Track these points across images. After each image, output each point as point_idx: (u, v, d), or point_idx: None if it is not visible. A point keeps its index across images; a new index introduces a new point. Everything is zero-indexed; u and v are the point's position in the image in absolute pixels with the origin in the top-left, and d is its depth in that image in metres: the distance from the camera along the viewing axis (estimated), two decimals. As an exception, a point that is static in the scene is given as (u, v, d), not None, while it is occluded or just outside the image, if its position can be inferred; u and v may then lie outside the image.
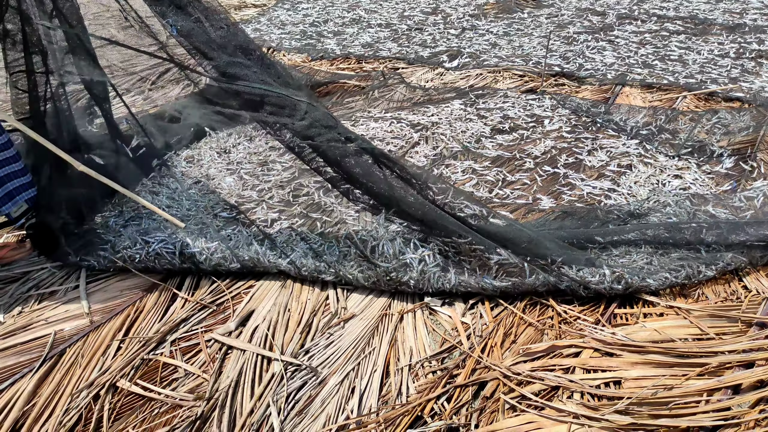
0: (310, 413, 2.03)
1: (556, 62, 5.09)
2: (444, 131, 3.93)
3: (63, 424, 2.01)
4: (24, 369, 2.21)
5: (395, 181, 2.46)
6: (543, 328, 2.30)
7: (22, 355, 2.27)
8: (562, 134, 3.85)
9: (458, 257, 2.50)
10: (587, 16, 6.42)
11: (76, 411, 2.05)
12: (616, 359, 2.10)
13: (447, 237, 2.49)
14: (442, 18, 6.72)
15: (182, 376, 2.20)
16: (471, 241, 2.46)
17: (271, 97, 2.26)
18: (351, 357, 2.24)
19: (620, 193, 3.14)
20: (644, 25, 6.05)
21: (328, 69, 5.27)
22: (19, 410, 2.05)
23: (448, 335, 2.32)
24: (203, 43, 2.18)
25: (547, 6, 6.94)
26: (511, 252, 2.44)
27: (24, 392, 2.11)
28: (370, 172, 2.43)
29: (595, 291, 2.39)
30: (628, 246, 2.59)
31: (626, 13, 6.44)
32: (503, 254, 2.43)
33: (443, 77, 5.00)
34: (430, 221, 2.49)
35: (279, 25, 6.73)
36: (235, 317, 2.44)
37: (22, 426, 2.01)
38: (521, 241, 2.47)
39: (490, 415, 1.97)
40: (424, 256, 2.53)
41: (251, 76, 2.23)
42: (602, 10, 6.63)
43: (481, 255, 2.46)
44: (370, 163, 2.43)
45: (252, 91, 2.23)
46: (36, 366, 2.21)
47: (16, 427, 2.01)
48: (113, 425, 2.02)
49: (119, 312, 2.49)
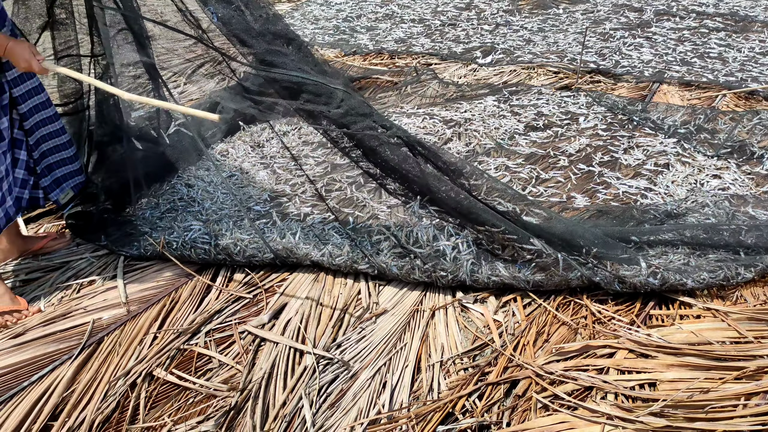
0: (342, 406, 2.04)
1: (592, 59, 5.02)
2: (477, 128, 3.91)
3: (101, 410, 2.05)
4: (63, 356, 2.26)
5: (429, 168, 2.45)
6: (576, 327, 2.28)
7: (62, 342, 2.32)
8: (597, 132, 3.80)
9: (491, 245, 2.48)
10: (624, 12, 6.32)
11: (114, 398, 2.09)
12: (651, 361, 2.07)
13: (480, 225, 2.47)
14: (476, 14, 6.68)
15: (216, 367, 2.23)
16: (505, 230, 2.43)
17: (308, 85, 2.27)
18: (382, 352, 2.25)
19: (657, 193, 3.09)
20: (683, 21, 5.94)
21: (361, 64, 5.28)
22: (58, 396, 2.10)
23: (479, 333, 2.32)
24: (243, 30, 2.20)
25: (582, 2, 6.85)
26: (546, 242, 2.42)
27: (63, 378, 2.16)
28: (404, 159, 2.42)
29: (630, 285, 2.35)
30: (664, 246, 2.55)
31: (664, 10, 6.32)
32: (537, 244, 2.41)
33: (476, 73, 4.97)
34: (464, 210, 2.47)
35: (312, 20, 6.75)
36: (268, 310, 2.47)
37: (61, 411, 2.06)
38: (556, 230, 2.44)
39: (522, 414, 1.96)
40: (457, 243, 2.53)
41: (289, 64, 2.25)
42: (639, 6, 6.52)
43: (514, 244, 2.44)
44: (404, 151, 2.43)
45: (289, 78, 2.25)
46: (75, 353, 2.26)
47: (56, 413, 2.06)
48: (149, 413, 2.06)
49: (155, 302, 2.53)
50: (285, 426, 1.98)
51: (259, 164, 3.60)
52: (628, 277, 2.35)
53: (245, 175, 3.47)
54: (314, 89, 2.28)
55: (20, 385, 2.14)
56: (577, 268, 2.36)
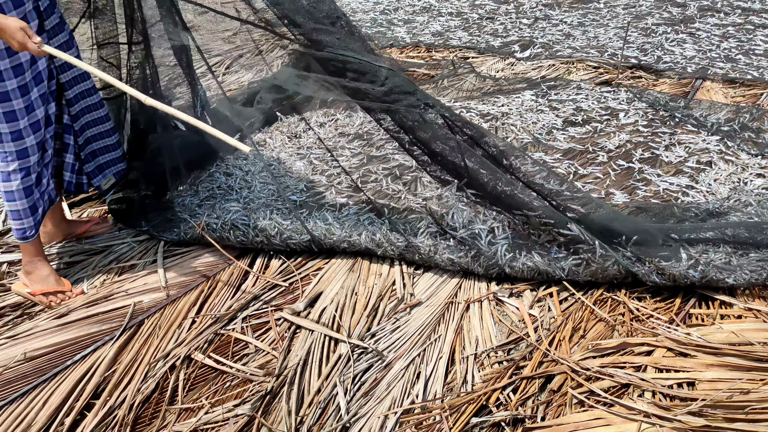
0: (376, 395, 2.06)
1: (633, 54, 4.94)
2: (514, 122, 3.89)
3: (141, 391, 2.10)
4: (105, 337, 2.32)
5: (469, 147, 2.45)
6: (614, 324, 2.26)
7: (104, 324, 2.38)
8: (637, 128, 3.74)
9: (527, 230, 2.47)
10: (667, 7, 6.20)
11: (153, 379, 2.14)
12: (690, 360, 2.04)
13: (517, 209, 2.47)
14: (515, 7, 6.62)
15: (252, 352, 2.27)
16: (541, 214, 2.42)
17: (353, 64, 2.30)
18: (417, 343, 2.26)
19: (699, 191, 3.04)
20: (727, 17, 5.80)
21: (398, 57, 5.27)
22: (100, 375, 2.15)
23: (514, 326, 2.31)
24: (291, 10, 2.23)
25: (624, -4, 6.74)
26: (584, 228, 2.40)
27: (105, 359, 2.22)
28: (446, 140, 2.43)
29: (670, 276, 2.31)
30: (705, 245, 2.50)
31: (708, 5, 6.18)
32: (575, 230, 2.39)
33: (514, 67, 4.93)
34: (502, 193, 2.48)
35: (349, 12, 6.76)
36: (304, 298, 2.49)
37: (103, 390, 2.11)
38: (595, 216, 2.42)
39: (557, 409, 1.95)
40: (493, 227, 2.52)
41: (335, 43, 2.28)
42: (683, 1, 6.39)
43: (552, 229, 2.42)
44: (445, 132, 2.44)
45: (336, 57, 2.27)
46: (116, 335, 2.31)
47: (98, 392, 2.12)
48: (187, 395, 2.10)
49: (194, 287, 2.58)
50: (319, 412, 2.00)
51: (295, 155, 3.63)
52: (667, 267, 2.31)
53: (282, 165, 3.50)
54: (359, 67, 2.31)
55: (64, 363, 2.20)
56: (614, 256, 2.33)
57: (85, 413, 2.04)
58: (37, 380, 2.13)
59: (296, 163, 3.51)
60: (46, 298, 2.47)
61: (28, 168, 2.32)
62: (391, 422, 1.94)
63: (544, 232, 2.44)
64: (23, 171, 2.31)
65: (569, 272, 2.42)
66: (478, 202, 2.56)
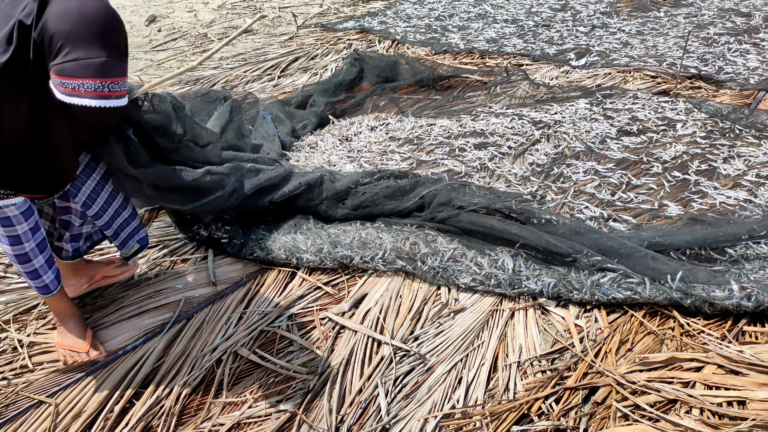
0: (417, 398, 2.06)
1: (693, 64, 4.81)
2: (567, 130, 3.84)
3: (188, 383, 2.16)
4: (156, 329, 2.39)
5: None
6: (663, 338, 2.21)
7: (155, 317, 2.45)
8: (695, 139, 3.64)
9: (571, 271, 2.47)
10: (730, 17, 6.02)
11: (200, 372, 2.20)
12: (741, 378, 1.98)
13: (566, 256, 2.51)
14: (572, 15, 6.53)
15: (296, 350, 2.30)
16: (588, 253, 2.44)
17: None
18: (459, 348, 2.26)
19: (757, 205, 2.94)
20: (796, 27, 5.60)
21: (451, 63, 5.28)
22: (150, 365, 2.22)
23: (559, 336, 2.28)
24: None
25: (686, 5, 6.57)
26: (629, 269, 2.40)
27: (155, 350, 2.29)
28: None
29: (721, 308, 2.26)
30: (763, 260, 2.42)
31: (776, 14, 5.97)
32: (622, 268, 2.38)
33: (568, 76, 4.86)
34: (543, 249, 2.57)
35: (405, 18, 6.80)
36: (349, 299, 2.52)
37: (152, 380, 2.18)
38: (639, 263, 2.43)
39: (601, 422, 1.91)
40: (541, 274, 2.50)
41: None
42: (747, 11, 6.19)
43: (600, 267, 2.43)
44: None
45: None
46: (167, 327, 2.39)
47: (146, 381, 2.19)
48: (232, 389, 2.15)
49: (242, 284, 2.63)
50: (360, 412, 2.02)
51: (346, 157, 3.67)
52: (718, 299, 2.26)
53: (332, 168, 3.54)
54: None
55: (115, 354, 2.28)
56: (665, 291, 2.30)
57: (133, 401, 2.11)
58: (91, 368, 2.22)
59: (346, 166, 3.55)
60: (62, 355, 2.29)
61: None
62: (430, 426, 1.94)
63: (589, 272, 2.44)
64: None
65: (618, 302, 2.40)
66: (530, 256, 2.59)
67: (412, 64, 4.97)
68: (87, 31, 1.59)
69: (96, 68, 1.59)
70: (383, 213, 2.90)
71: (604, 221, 2.88)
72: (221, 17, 7.34)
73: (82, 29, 1.58)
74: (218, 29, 6.78)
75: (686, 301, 2.28)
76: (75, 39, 1.57)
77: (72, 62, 1.57)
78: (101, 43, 1.60)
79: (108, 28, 1.63)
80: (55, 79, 1.59)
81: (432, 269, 2.57)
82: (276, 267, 2.72)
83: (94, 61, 1.59)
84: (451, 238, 2.71)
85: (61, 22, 1.57)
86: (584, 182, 3.26)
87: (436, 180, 3.02)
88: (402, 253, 2.64)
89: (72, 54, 1.57)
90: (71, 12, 1.58)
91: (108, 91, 1.62)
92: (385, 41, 5.94)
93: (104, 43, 1.60)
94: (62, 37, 1.57)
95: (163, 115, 2.44)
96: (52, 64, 1.58)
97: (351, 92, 4.78)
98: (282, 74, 5.23)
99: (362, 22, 6.65)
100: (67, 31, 1.56)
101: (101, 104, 1.61)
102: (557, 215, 2.72)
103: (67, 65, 1.57)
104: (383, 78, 4.87)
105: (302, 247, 2.73)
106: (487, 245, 2.64)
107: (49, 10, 1.60)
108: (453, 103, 4.49)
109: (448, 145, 3.74)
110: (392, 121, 4.16)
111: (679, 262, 2.47)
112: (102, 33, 1.60)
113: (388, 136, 3.94)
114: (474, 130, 3.92)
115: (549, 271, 2.49)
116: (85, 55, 1.58)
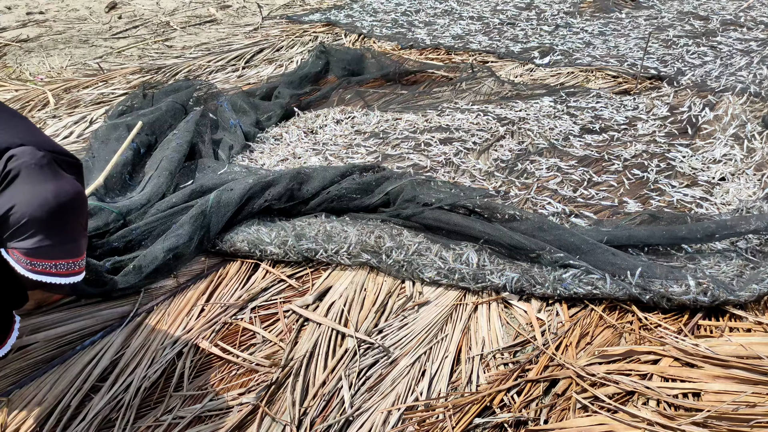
0: (380, 391, 2.06)
1: (653, 65, 4.91)
2: (531, 127, 3.88)
3: (147, 377, 2.12)
4: (115, 322, 2.34)
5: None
6: (621, 331, 2.25)
7: (114, 308, 2.40)
8: (655, 138, 3.72)
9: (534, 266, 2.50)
10: (689, 20, 6.17)
11: (160, 366, 2.16)
12: (696, 371, 2.03)
13: (530, 252, 2.54)
14: (536, 14, 6.61)
15: (260, 343, 2.28)
16: (551, 249, 2.47)
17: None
18: (423, 341, 2.26)
19: (713, 203, 3.02)
20: (750, 32, 5.75)
21: (417, 58, 5.28)
22: (108, 359, 2.17)
23: (522, 329, 2.31)
24: None
25: (646, 8, 6.71)
26: (590, 264, 2.43)
27: (114, 343, 2.24)
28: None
29: (679, 303, 2.32)
30: (719, 256, 2.49)
31: (731, 20, 6.13)
32: (584, 264, 2.42)
33: (533, 73, 4.92)
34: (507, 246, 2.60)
35: (371, 12, 6.79)
36: (313, 291, 2.50)
37: (110, 374, 2.13)
38: (600, 258, 2.47)
39: (561, 413, 1.94)
40: (504, 269, 2.52)
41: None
42: (706, 14, 6.35)
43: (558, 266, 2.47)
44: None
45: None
46: (126, 320, 2.34)
47: (104, 375, 2.14)
48: (193, 382, 2.12)
49: (203, 277, 2.60)
50: (323, 405, 2.01)
51: (311, 150, 3.65)
52: (676, 294, 2.31)
53: (297, 160, 3.52)
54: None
55: (73, 349, 2.22)
56: (625, 287, 2.35)
57: (91, 395, 2.06)
58: (47, 366, 2.16)
59: (311, 159, 3.53)
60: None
61: None
62: (394, 418, 1.95)
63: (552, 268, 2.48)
64: None
65: (578, 296, 2.43)
66: (495, 251, 2.61)
67: (378, 59, 4.96)
68: (63, 219, 1.63)
69: (70, 251, 1.66)
70: (348, 209, 2.89)
71: (566, 217, 2.92)
72: (184, 5, 7.21)
73: (59, 218, 1.61)
74: (181, 17, 6.66)
75: (645, 297, 2.33)
76: (50, 226, 1.60)
77: (47, 246, 1.60)
78: (74, 226, 1.67)
79: (81, 212, 1.69)
80: (22, 258, 1.60)
81: (397, 263, 2.58)
82: (239, 259, 2.69)
83: (67, 246, 1.66)
84: (416, 232, 2.72)
85: (38, 210, 1.57)
86: (547, 178, 3.31)
87: (401, 175, 3.03)
88: (367, 247, 2.64)
89: (47, 240, 1.60)
90: (48, 202, 1.58)
91: (77, 268, 1.70)
92: (351, 35, 5.92)
93: (76, 226, 1.68)
94: (37, 224, 1.57)
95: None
96: (21, 246, 1.58)
97: (317, 85, 4.75)
98: (246, 65, 5.17)
99: (328, 15, 6.62)
100: (44, 220, 1.58)
101: (70, 281, 1.69)
102: (521, 210, 2.74)
103: (42, 249, 1.59)
104: (349, 71, 4.85)
105: (266, 239, 2.70)
106: (452, 240, 2.65)
107: (19, 190, 1.57)
108: (419, 98, 4.50)
109: (414, 140, 3.75)
110: (358, 114, 4.15)
111: (638, 258, 2.52)
112: (76, 218, 1.67)
113: (354, 130, 3.93)
114: (439, 126, 3.94)
115: (512, 266, 2.52)
116: (60, 241, 1.63)
